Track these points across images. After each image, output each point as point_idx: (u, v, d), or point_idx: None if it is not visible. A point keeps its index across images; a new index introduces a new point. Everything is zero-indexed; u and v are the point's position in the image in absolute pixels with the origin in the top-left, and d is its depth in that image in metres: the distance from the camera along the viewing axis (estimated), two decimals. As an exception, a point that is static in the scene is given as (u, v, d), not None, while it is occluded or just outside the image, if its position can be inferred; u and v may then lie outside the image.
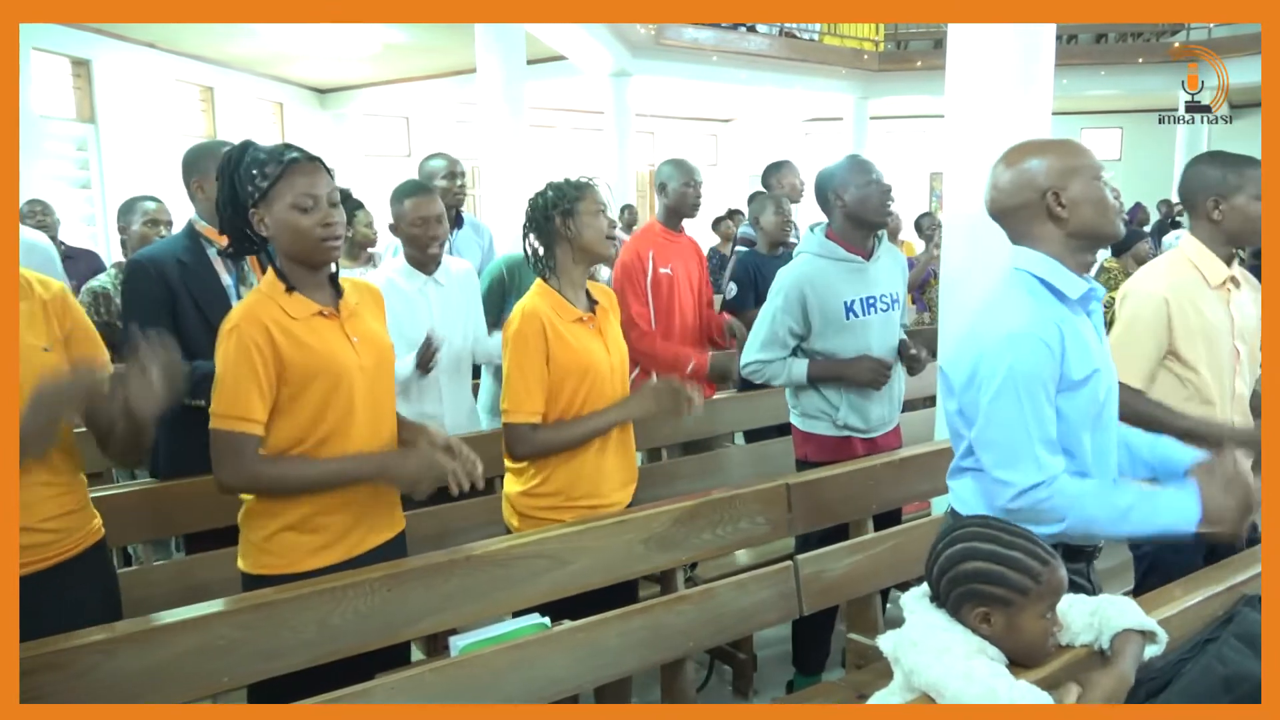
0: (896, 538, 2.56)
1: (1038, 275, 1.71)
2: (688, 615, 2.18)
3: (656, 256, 3.51)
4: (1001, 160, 1.78)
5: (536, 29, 9.06)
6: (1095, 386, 1.69)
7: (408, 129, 14.67)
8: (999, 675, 1.38)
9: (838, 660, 3.03)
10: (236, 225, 1.85)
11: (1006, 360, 1.63)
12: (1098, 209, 1.70)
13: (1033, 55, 3.14)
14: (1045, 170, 1.71)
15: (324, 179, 1.84)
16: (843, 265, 2.81)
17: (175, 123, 10.43)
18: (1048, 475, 1.62)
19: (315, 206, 1.81)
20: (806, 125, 17.46)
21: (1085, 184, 1.70)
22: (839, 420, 2.84)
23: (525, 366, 2.22)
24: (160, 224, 3.56)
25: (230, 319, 1.83)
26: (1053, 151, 1.73)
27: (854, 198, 2.77)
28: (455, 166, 3.89)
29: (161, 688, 1.63)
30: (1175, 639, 1.65)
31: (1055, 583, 1.44)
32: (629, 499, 2.42)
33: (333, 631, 1.80)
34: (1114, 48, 13.34)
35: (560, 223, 2.28)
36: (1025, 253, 1.74)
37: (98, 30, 9.09)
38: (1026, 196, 1.72)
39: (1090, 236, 1.72)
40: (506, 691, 1.88)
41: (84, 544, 1.81)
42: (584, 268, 2.33)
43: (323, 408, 1.84)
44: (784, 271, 2.85)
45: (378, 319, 2.04)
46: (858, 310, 2.80)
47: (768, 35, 13.00)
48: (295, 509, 1.87)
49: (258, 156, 1.82)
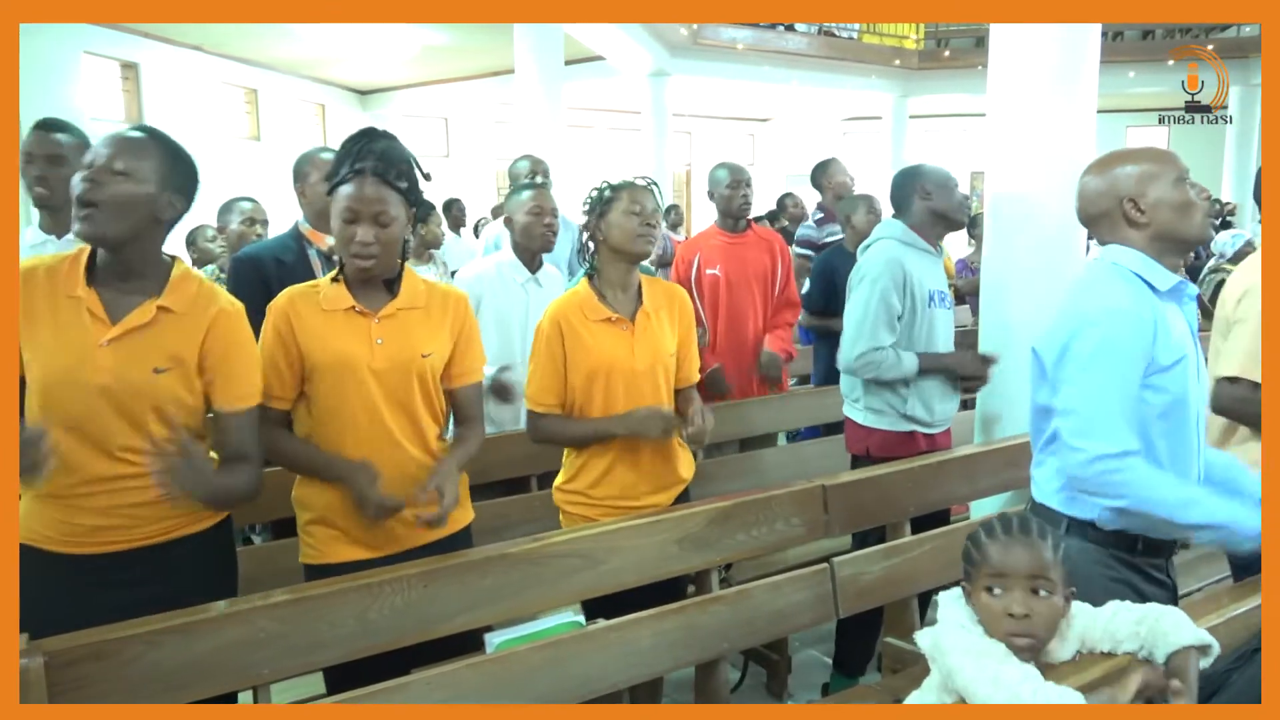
0: (935, 540, 2.53)
1: (1130, 268, 1.76)
2: (722, 616, 2.17)
3: (704, 258, 3.61)
4: (1087, 171, 1.86)
5: (575, 29, 9.10)
6: (1184, 372, 1.72)
7: (446, 129, 14.81)
8: (1027, 679, 1.36)
9: (874, 664, 3.00)
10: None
11: (1101, 332, 1.69)
12: (1178, 212, 1.76)
13: (1077, 52, 3.08)
14: (1125, 179, 1.78)
15: (372, 194, 1.87)
16: (923, 254, 2.86)
17: (220, 124, 10.63)
18: (1121, 449, 1.65)
19: (356, 220, 1.88)
20: (845, 124, 17.34)
21: (1164, 189, 1.76)
22: (906, 411, 2.84)
23: (541, 361, 2.30)
24: (257, 222, 3.83)
25: (272, 303, 1.97)
26: (1133, 159, 1.80)
27: (942, 196, 2.85)
28: (539, 166, 3.99)
29: (203, 679, 1.66)
30: (1224, 647, 1.62)
31: (988, 554, 1.46)
32: (669, 501, 2.40)
33: (370, 626, 1.82)
34: (1160, 44, 13.09)
35: (595, 223, 2.32)
36: (1116, 250, 1.80)
37: (146, 34, 9.29)
38: (1106, 205, 1.81)
39: (1172, 239, 1.78)
40: (540, 689, 1.88)
41: (210, 520, 1.86)
42: (624, 267, 2.33)
43: (321, 397, 1.93)
44: (873, 256, 2.84)
45: (436, 326, 2.02)
46: (936, 300, 2.86)
47: (806, 34, 12.93)
48: (317, 502, 1.98)
49: (338, 155, 1.92)
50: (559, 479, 2.43)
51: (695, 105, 15.30)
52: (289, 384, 1.94)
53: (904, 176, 2.93)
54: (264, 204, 3.98)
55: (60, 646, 1.53)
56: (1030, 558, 1.45)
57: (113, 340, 1.68)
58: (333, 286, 1.96)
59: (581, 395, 2.30)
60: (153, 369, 1.71)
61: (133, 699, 1.58)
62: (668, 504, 2.39)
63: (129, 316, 1.70)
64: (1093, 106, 3.13)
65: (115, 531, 1.73)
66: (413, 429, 1.99)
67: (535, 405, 2.33)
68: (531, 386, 2.33)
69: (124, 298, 1.71)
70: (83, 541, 1.72)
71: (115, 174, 1.67)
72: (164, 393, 1.72)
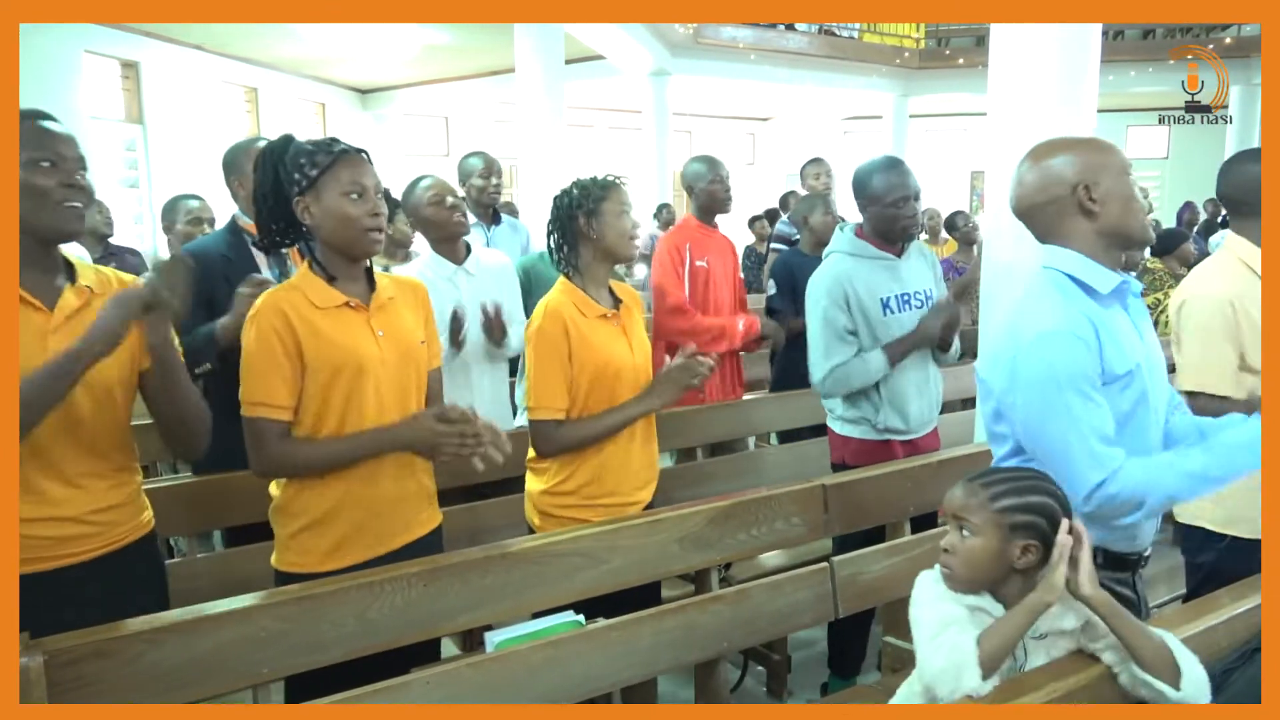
0: (934, 540, 2.53)
1: (1067, 272, 1.68)
2: (722, 615, 2.17)
3: (694, 249, 3.57)
4: (1027, 157, 1.76)
5: (575, 29, 9.10)
6: (1140, 378, 1.67)
7: (447, 129, 14.81)
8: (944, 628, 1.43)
9: (874, 663, 3.00)
10: (275, 215, 1.87)
11: (1044, 361, 1.61)
12: (1126, 207, 1.67)
13: (1077, 52, 3.08)
14: (1075, 165, 1.68)
15: (371, 172, 1.88)
16: (875, 263, 2.77)
17: (221, 123, 10.63)
18: (1109, 470, 1.59)
19: (364, 197, 1.84)
20: (846, 123, 17.34)
21: (1115, 180, 1.67)
22: (879, 423, 2.80)
23: (547, 364, 2.23)
24: (203, 222, 3.67)
25: (254, 307, 1.86)
26: (1081, 148, 1.71)
27: (879, 215, 2.74)
28: (493, 165, 3.95)
29: (204, 677, 1.66)
30: (1223, 647, 1.62)
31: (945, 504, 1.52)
32: (650, 498, 2.42)
33: (371, 625, 1.82)
34: (1161, 44, 13.08)
35: (584, 222, 2.29)
36: (1054, 250, 1.71)
37: (146, 33, 9.29)
38: (1056, 192, 1.70)
39: (1119, 235, 1.69)
40: (540, 688, 1.88)
41: (135, 535, 1.84)
42: (607, 266, 2.34)
43: (337, 398, 1.86)
44: (818, 274, 2.81)
45: (415, 315, 2.03)
46: (894, 307, 2.77)
47: (807, 33, 12.93)
48: (312, 509, 1.90)
49: (305, 147, 1.85)
50: (540, 485, 2.35)
51: (696, 104, 15.31)
52: (295, 390, 1.85)
53: (854, 182, 2.82)
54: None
55: (60, 645, 1.53)
56: (956, 497, 1.50)
57: (59, 328, 1.67)
58: (315, 283, 1.87)
59: (587, 394, 2.27)
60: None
61: (133, 698, 1.58)
62: (649, 500, 2.41)
63: (62, 301, 1.69)
64: (1093, 106, 3.14)
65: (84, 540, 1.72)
66: None
67: (552, 413, 2.25)
68: (538, 395, 2.25)
69: (45, 285, 1.69)
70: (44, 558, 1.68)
71: (84, 172, 1.69)
72: (112, 364, 1.70)
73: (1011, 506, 1.46)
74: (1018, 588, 1.48)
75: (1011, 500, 1.46)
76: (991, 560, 1.46)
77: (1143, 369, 1.68)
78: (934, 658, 1.40)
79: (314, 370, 1.84)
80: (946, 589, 1.50)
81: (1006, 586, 1.48)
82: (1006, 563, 1.46)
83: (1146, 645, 1.42)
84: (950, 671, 1.37)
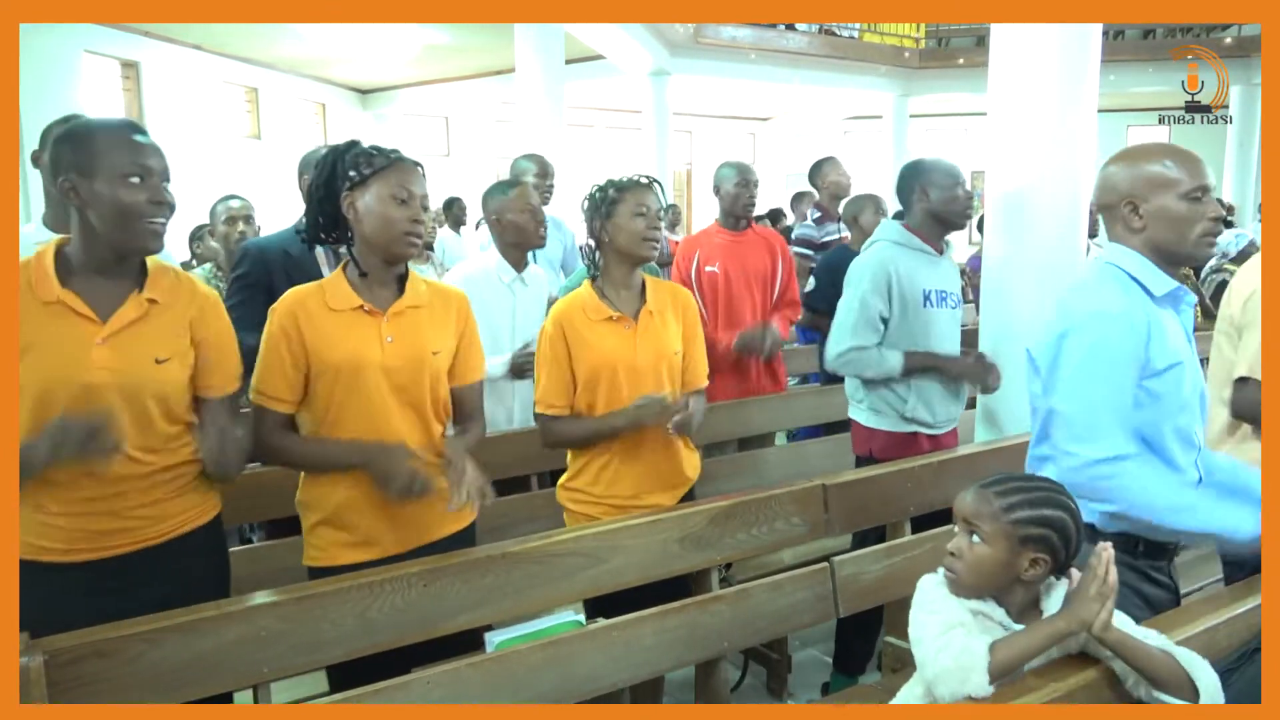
0: (935, 540, 2.53)
1: (1127, 270, 1.74)
2: (723, 615, 2.17)
3: (704, 256, 3.61)
4: (1114, 158, 1.81)
5: (576, 29, 9.09)
6: (1179, 377, 1.71)
7: (447, 129, 14.81)
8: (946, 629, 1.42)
9: (874, 663, 3.00)
10: (323, 208, 1.94)
11: (1092, 336, 1.67)
12: (1176, 230, 1.71)
13: (1078, 52, 3.08)
14: (1131, 178, 1.73)
15: (422, 182, 1.95)
16: (920, 255, 2.84)
17: (221, 123, 10.62)
18: (1116, 453, 1.64)
19: (409, 201, 1.90)
20: (846, 123, 17.33)
21: (1170, 199, 1.70)
22: (907, 413, 2.83)
23: (548, 363, 2.29)
24: (238, 220, 3.78)
25: (278, 302, 1.94)
26: (1157, 158, 1.73)
27: (940, 197, 2.82)
28: (546, 166, 3.98)
29: (204, 677, 1.66)
30: (1223, 647, 1.62)
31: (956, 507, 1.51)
32: (674, 501, 2.39)
33: (371, 625, 1.82)
34: (1161, 44, 13.07)
35: (600, 225, 2.30)
36: (1117, 248, 1.78)
37: (146, 32, 9.29)
38: (1109, 199, 1.77)
39: (1163, 252, 1.74)
40: (541, 688, 1.88)
41: (201, 519, 1.85)
42: (627, 268, 2.33)
43: (335, 398, 1.91)
44: (864, 257, 2.86)
45: (442, 326, 2.03)
46: (933, 300, 2.83)
47: (807, 33, 12.92)
48: (326, 503, 1.95)
49: (367, 150, 1.93)
50: (564, 477, 2.43)
51: (696, 104, 15.29)
52: (295, 386, 1.91)
53: (906, 174, 2.92)
54: (262, 202, 3.97)
55: (61, 645, 1.53)
56: (968, 503, 1.49)
57: (108, 337, 1.67)
58: (339, 285, 1.94)
59: (586, 394, 2.30)
60: (154, 359, 1.71)
61: (133, 698, 1.58)
62: (672, 504, 2.38)
63: (120, 311, 1.68)
64: (1093, 106, 3.13)
65: (122, 535, 1.72)
66: (421, 428, 1.99)
67: (545, 408, 2.32)
68: (539, 389, 2.32)
69: (106, 294, 1.69)
70: (83, 549, 1.70)
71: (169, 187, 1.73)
72: (167, 383, 1.72)
73: (1025, 519, 1.45)
74: (1020, 596, 1.48)
75: (1025, 512, 1.45)
76: (999, 570, 1.46)
77: (1183, 369, 1.72)
78: (940, 657, 1.39)
79: (317, 371, 1.90)
80: (949, 592, 1.49)
81: (1010, 595, 1.48)
82: (1014, 573, 1.46)
83: (1160, 669, 1.43)
84: (957, 673, 1.36)
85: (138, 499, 1.73)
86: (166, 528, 1.78)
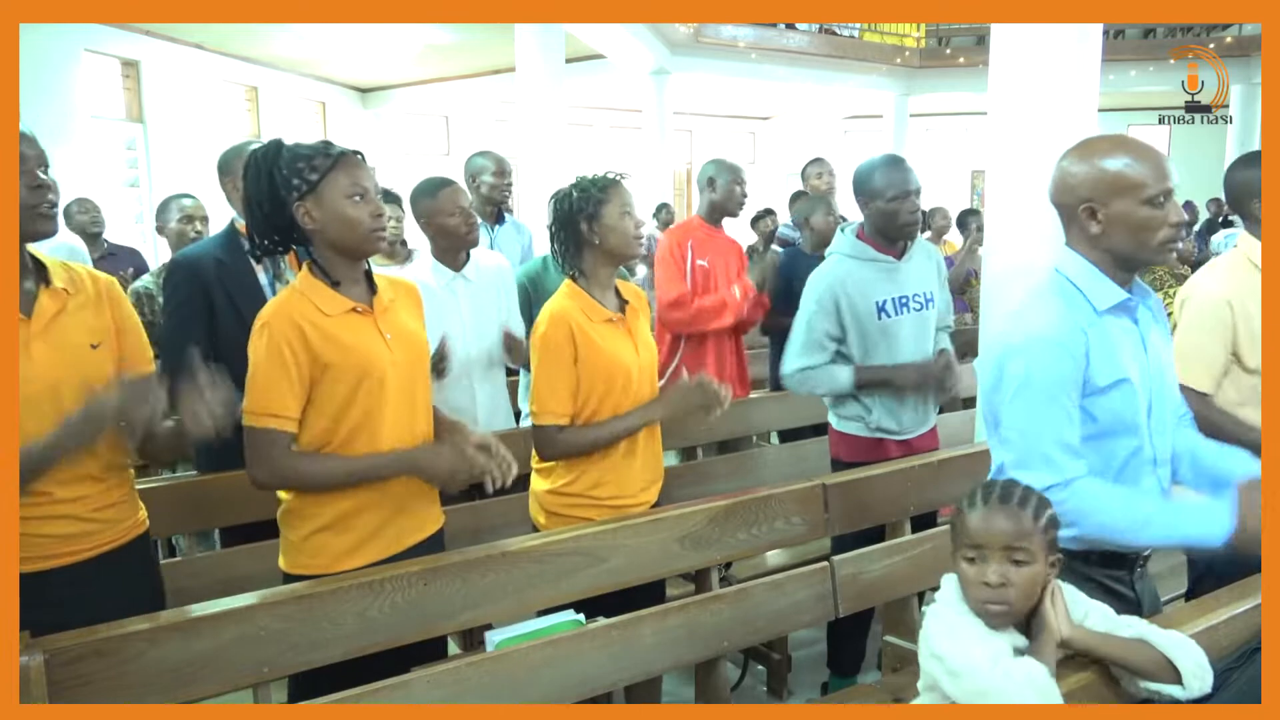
0: (934, 539, 2.53)
1: (1072, 279, 1.67)
2: (723, 615, 2.17)
3: (696, 248, 3.58)
4: (1069, 152, 1.70)
5: (576, 28, 9.09)
6: (1126, 394, 1.65)
7: (447, 128, 14.80)
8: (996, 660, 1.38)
9: (874, 662, 3.00)
10: (272, 221, 1.84)
11: (1025, 362, 1.61)
12: (1136, 237, 1.61)
13: (1078, 51, 3.08)
14: (1090, 180, 1.62)
15: (370, 172, 1.89)
16: (874, 265, 2.76)
17: (221, 122, 10.62)
18: (1064, 478, 1.60)
19: (365, 198, 1.83)
20: (846, 123, 17.32)
21: (1131, 204, 1.60)
22: (871, 423, 2.81)
23: (552, 369, 2.21)
24: (195, 220, 3.66)
25: (262, 316, 1.82)
26: (1116, 155, 1.61)
27: (880, 211, 2.72)
28: (503, 164, 3.91)
29: (203, 677, 1.66)
30: (1223, 647, 1.62)
31: (966, 524, 1.45)
32: (655, 498, 2.41)
33: (370, 624, 1.82)
34: (1161, 43, 13.06)
35: (586, 227, 2.25)
36: (1067, 253, 1.70)
37: (147, 31, 9.28)
38: (1065, 200, 1.67)
39: (1120, 258, 1.65)
40: (541, 687, 1.88)
41: (129, 535, 1.84)
42: (612, 268, 2.32)
43: (353, 403, 1.84)
44: (816, 274, 2.81)
45: (414, 316, 2.04)
46: (890, 310, 2.76)
47: (807, 32, 12.92)
48: (329, 510, 1.88)
49: (300, 152, 1.83)
50: (545, 485, 2.34)
51: (696, 103, 15.29)
52: (301, 400, 1.82)
53: (855, 181, 2.81)
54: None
55: (61, 644, 1.53)
56: (1008, 527, 1.42)
57: (38, 334, 1.66)
58: (319, 288, 1.84)
59: (596, 399, 2.25)
60: (90, 345, 1.71)
61: (133, 698, 1.58)
62: (654, 500, 2.40)
63: (40, 309, 1.68)
64: (1094, 105, 3.14)
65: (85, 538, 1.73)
66: (424, 421, 1.98)
67: (554, 418, 2.22)
68: (541, 400, 2.23)
69: (21, 293, 1.67)
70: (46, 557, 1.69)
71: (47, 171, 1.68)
72: (99, 368, 1.71)
73: (1049, 522, 1.45)
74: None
75: (1047, 516, 1.45)
76: (1038, 585, 1.45)
77: (1135, 382, 1.65)
78: (1008, 685, 1.36)
79: (334, 380, 1.82)
80: (984, 624, 1.45)
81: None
82: (1043, 583, 1.45)
83: (1137, 659, 1.44)
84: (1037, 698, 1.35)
85: (96, 502, 1.74)
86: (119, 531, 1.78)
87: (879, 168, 2.75)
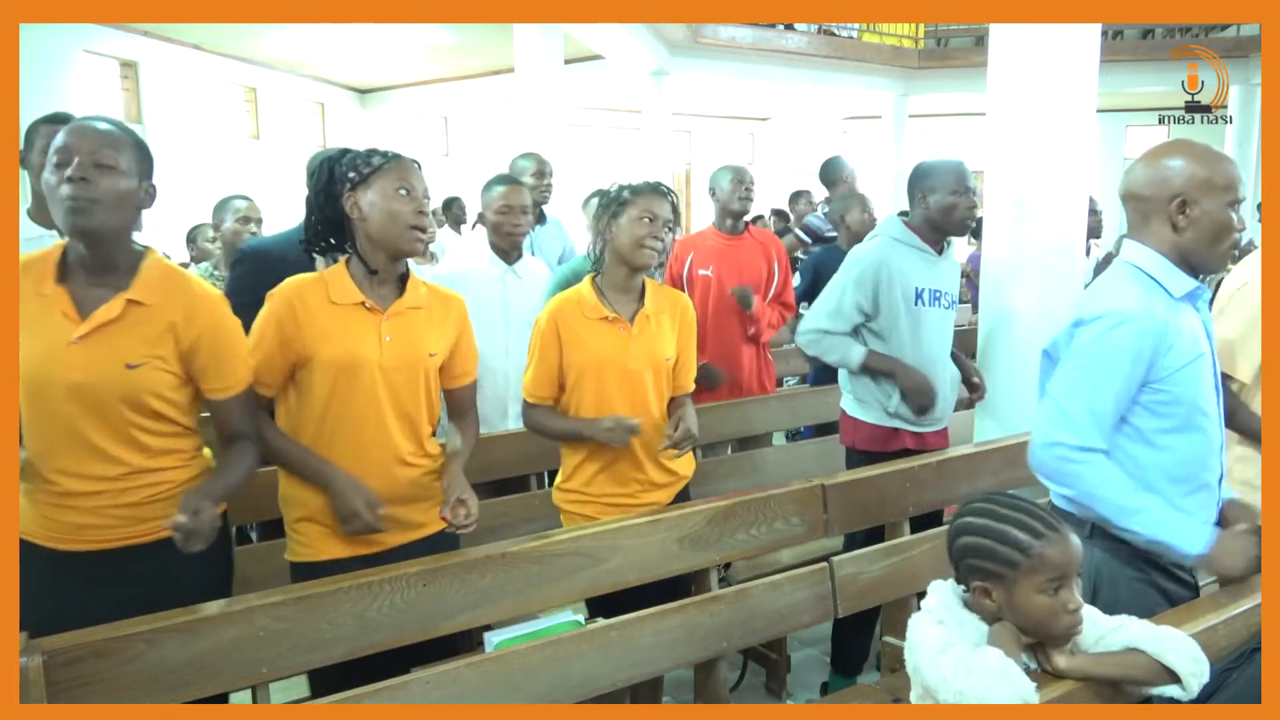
0: (934, 540, 2.53)
1: (1145, 270, 1.73)
2: (722, 615, 2.17)
3: (697, 258, 3.62)
4: (1152, 150, 1.78)
5: (575, 29, 9.08)
6: (1194, 373, 1.71)
7: (446, 129, 14.80)
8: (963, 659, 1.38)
9: (873, 663, 3.00)
10: (324, 213, 1.95)
11: (1101, 330, 1.68)
12: (1215, 237, 1.70)
13: (1077, 52, 3.08)
14: (1185, 176, 1.70)
15: (422, 178, 1.97)
16: (918, 253, 2.84)
17: (220, 122, 10.62)
18: (1087, 445, 1.67)
19: (411, 196, 1.91)
20: (845, 123, 17.31)
21: (1220, 206, 1.70)
22: (890, 408, 2.83)
23: (536, 354, 2.32)
24: (250, 221, 3.80)
25: (278, 287, 1.94)
26: (1203, 161, 1.71)
27: (938, 205, 2.80)
28: (543, 166, 3.97)
29: (203, 678, 1.66)
30: (1222, 647, 1.62)
31: (1048, 557, 1.39)
32: (668, 499, 2.40)
33: (370, 625, 1.82)
34: (1161, 44, 13.07)
35: (605, 224, 2.31)
36: (1136, 247, 1.77)
37: (145, 32, 9.28)
38: (1157, 192, 1.73)
39: (1189, 258, 1.73)
40: (540, 688, 1.88)
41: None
42: (625, 270, 2.31)
43: (329, 394, 1.91)
44: (861, 249, 2.87)
45: (440, 329, 2.04)
46: (925, 299, 2.83)
47: (806, 33, 12.90)
48: (310, 501, 1.95)
49: (362, 152, 1.95)
50: (558, 479, 2.43)
51: (695, 104, 15.28)
52: (279, 373, 1.93)
53: (912, 176, 2.91)
54: (261, 202, 3.98)
55: (60, 645, 1.53)
56: (1079, 551, 1.43)
57: (82, 337, 1.66)
58: (342, 278, 1.94)
59: (574, 391, 2.31)
60: (125, 364, 1.69)
61: (133, 698, 1.58)
62: (667, 501, 2.39)
63: (97, 312, 1.68)
64: (1093, 106, 3.14)
65: (102, 530, 1.73)
66: (410, 426, 2.01)
67: (528, 395, 2.36)
68: (528, 377, 2.35)
69: (93, 292, 1.69)
70: (68, 539, 1.72)
71: (102, 167, 1.65)
72: (140, 388, 1.71)
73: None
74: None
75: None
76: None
77: (1203, 362, 1.73)
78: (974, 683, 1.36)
79: (311, 365, 1.90)
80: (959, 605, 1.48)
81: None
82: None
83: (1134, 670, 1.45)
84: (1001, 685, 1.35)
85: (117, 499, 1.73)
86: (151, 527, 1.77)
87: (944, 163, 2.86)
